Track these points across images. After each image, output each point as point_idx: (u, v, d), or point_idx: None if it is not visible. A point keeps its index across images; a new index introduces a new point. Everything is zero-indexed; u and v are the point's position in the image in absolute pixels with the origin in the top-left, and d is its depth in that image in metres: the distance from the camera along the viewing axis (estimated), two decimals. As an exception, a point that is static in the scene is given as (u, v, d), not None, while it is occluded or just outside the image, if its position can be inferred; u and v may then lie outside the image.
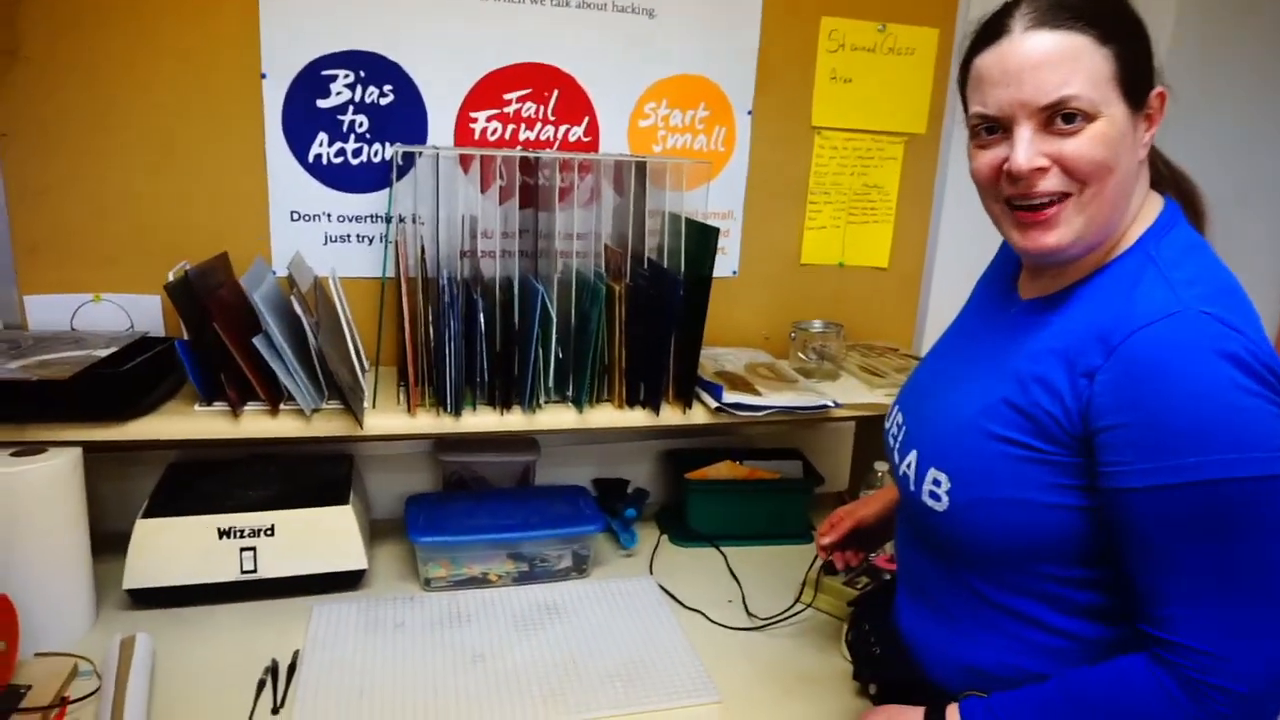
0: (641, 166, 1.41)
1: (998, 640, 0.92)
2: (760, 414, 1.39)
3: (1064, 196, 0.83)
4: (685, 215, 1.42)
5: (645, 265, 1.42)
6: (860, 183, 1.76)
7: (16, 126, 1.36)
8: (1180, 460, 0.75)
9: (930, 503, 0.91)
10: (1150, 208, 0.88)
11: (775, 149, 1.69)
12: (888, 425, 1.07)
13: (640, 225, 1.43)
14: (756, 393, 1.43)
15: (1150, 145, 0.86)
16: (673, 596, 1.41)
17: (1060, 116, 0.80)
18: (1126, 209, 0.86)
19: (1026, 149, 0.81)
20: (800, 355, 1.61)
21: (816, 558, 1.34)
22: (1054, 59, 0.80)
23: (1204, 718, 0.77)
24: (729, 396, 1.39)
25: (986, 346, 0.96)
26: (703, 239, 1.36)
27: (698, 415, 1.41)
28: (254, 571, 1.31)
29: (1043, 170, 0.82)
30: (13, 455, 1.17)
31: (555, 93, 1.55)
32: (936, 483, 0.90)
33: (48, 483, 1.17)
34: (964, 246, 1.81)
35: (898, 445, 1.01)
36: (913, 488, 0.94)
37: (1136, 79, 0.81)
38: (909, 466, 0.96)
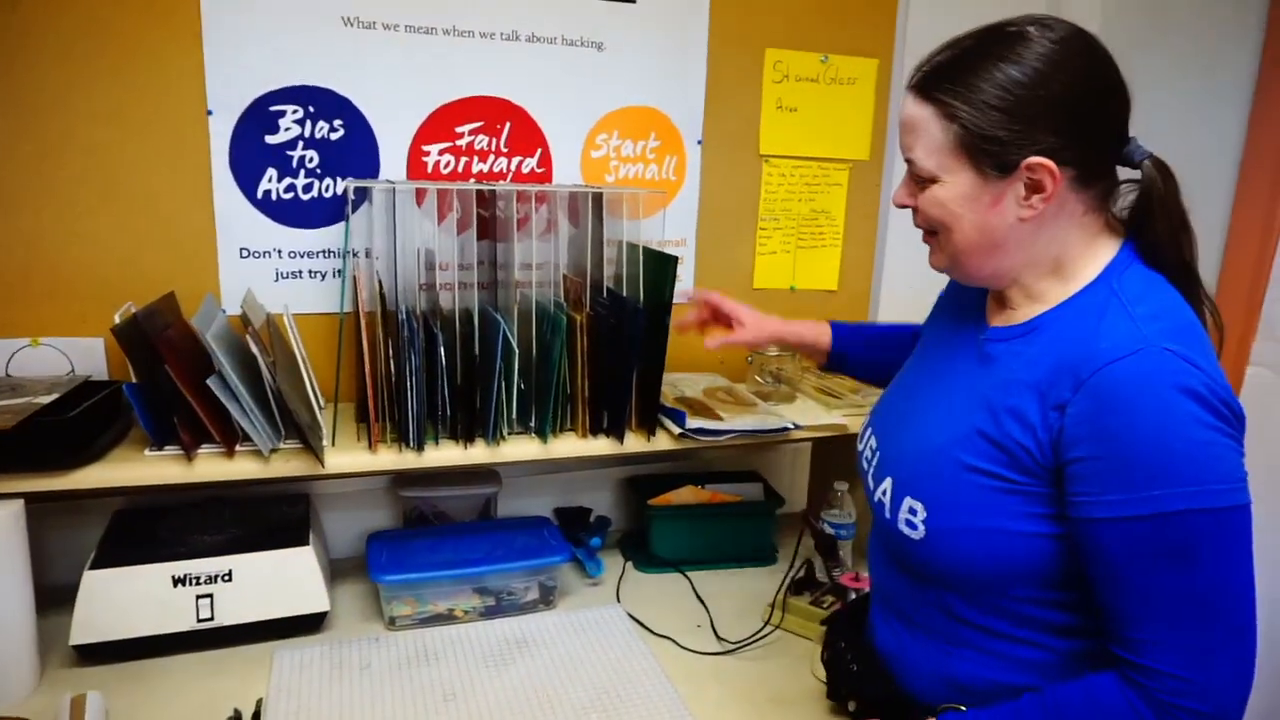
0: (598, 197, 1.42)
1: (975, 655, 0.94)
2: (723, 438, 1.41)
3: (932, 231, 0.94)
4: (642, 244, 1.44)
5: (605, 294, 1.43)
6: (808, 208, 1.80)
7: (-51, 165, 1.31)
8: (1145, 493, 0.78)
9: (907, 530, 0.93)
10: (1105, 248, 0.91)
11: (725, 177, 1.72)
12: (860, 447, 1.09)
13: (598, 254, 1.44)
14: (718, 417, 1.45)
15: (1044, 210, 0.87)
16: (642, 624, 1.41)
17: (913, 172, 0.91)
18: (1030, 259, 0.90)
19: (899, 188, 0.95)
20: (757, 378, 1.64)
21: (785, 580, 1.35)
22: (906, 123, 0.91)
23: None
24: (692, 422, 1.40)
25: (958, 373, 0.98)
26: (661, 266, 1.37)
27: (661, 442, 1.42)
28: (211, 619, 1.27)
29: (913, 208, 0.94)
30: (-48, 509, 1.12)
31: (508, 125, 1.56)
32: (913, 511, 0.93)
33: (-10, 536, 1.12)
34: (909, 266, 1.86)
35: (871, 470, 1.03)
36: (888, 515, 0.96)
37: (991, 150, 0.85)
38: (884, 493, 0.98)
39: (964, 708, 0.93)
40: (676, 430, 1.40)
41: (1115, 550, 0.81)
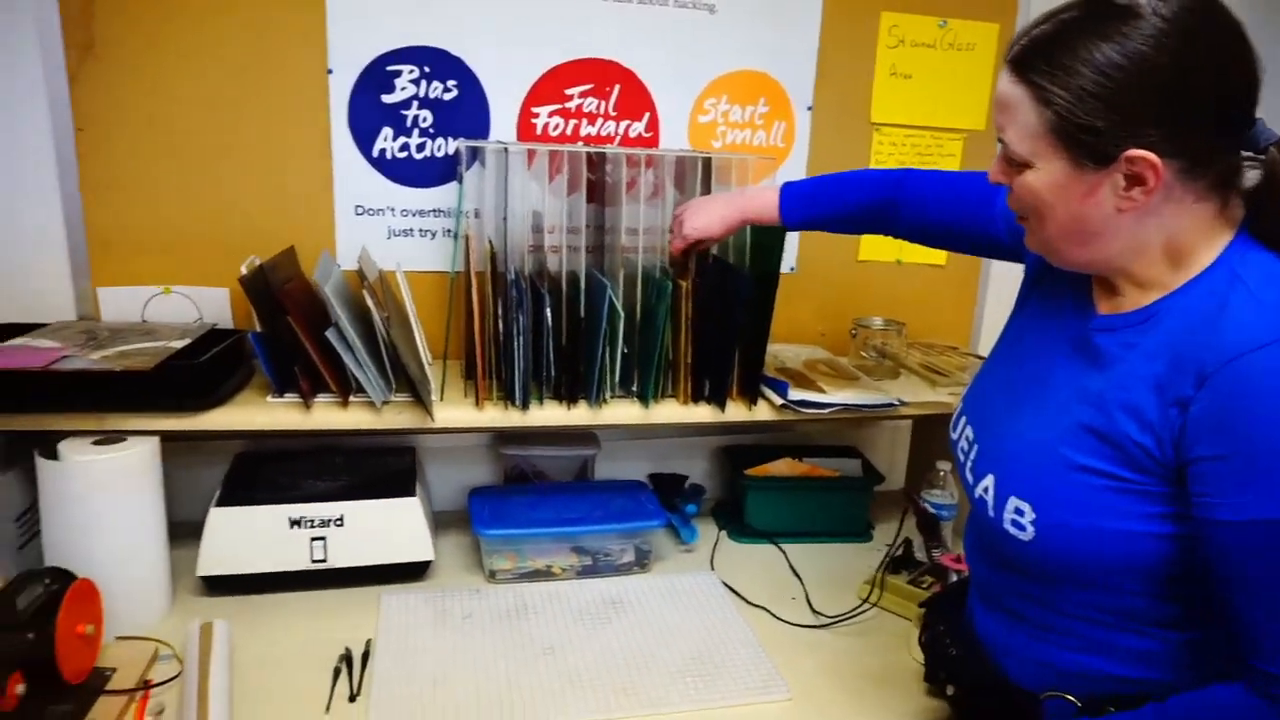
0: (707, 162, 1.41)
1: (1081, 645, 0.91)
2: (825, 411, 1.39)
3: (1023, 215, 0.89)
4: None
5: (711, 261, 1.42)
6: (919, 179, 1.74)
7: (91, 122, 1.38)
8: (1274, 494, 0.74)
9: (1014, 531, 0.89)
10: (1222, 232, 0.84)
11: (834, 145, 1.68)
12: (955, 437, 1.05)
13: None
14: (820, 390, 1.43)
15: (1147, 201, 0.80)
16: (736, 592, 1.41)
17: (1006, 153, 0.86)
18: (1127, 250, 0.84)
19: (993, 165, 0.89)
20: (861, 353, 1.61)
21: (885, 558, 1.33)
22: (1000, 101, 0.85)
23: None
24: (794, 394, 1.39)
25: (1060, 365, 0.93)
26: (769, 234, 1.35)
27: (762, 412, 1.41)
28: (324, 561, 1.32)
29: (1008, 188, 0.88)
30: (95, 444, 1.19)
31: (617, 88, 1.56)
32: (1019, 512, 0.89)
33: (128, 471, 1.19)
34: (1023, 244, 1.79)
35: (970, 463, 0.99)
36: (991, 513, 0.92)
37: (1087, 140, 0.79)
38: (985, 490, 0.94)
39: (1070, 696, 0.90)
40: (779, 401, 1.39)
41: (1244, 554, 0.76)
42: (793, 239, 1.69)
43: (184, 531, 1.36)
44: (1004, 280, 1.83)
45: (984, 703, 1.02)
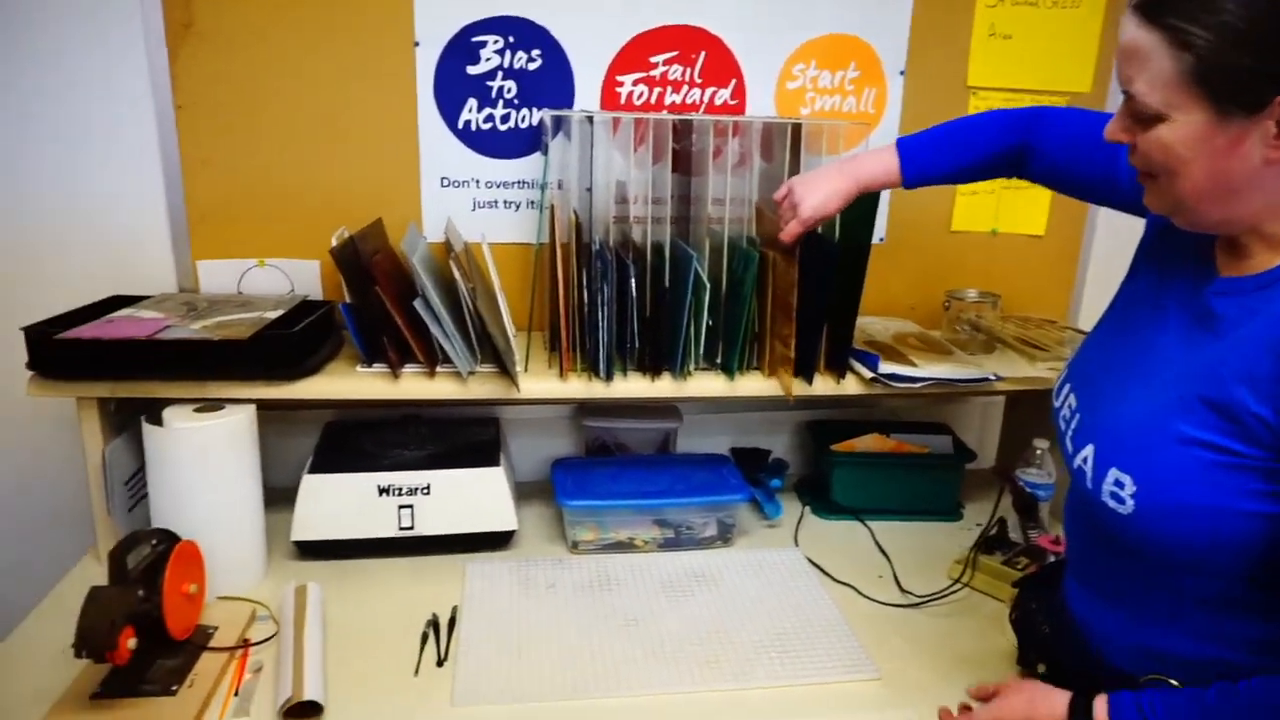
0: (796, 129, 1.37)
1: (1182, 628, 0.86)
2: (917, 385, 1.34)
3: (1149, 174, 0.82)
4: (839, 179, 1.37)
5: (799, 230, 1.39)
6: (1017, 145, 1.66)
7: (190, 99, 1.41)
8: None
9: (1112, 504, 0.84)
10: None
11: (928, 110, 1.61)
12: (1057, 404, 0.99)
13: (794, 189, 1.39)
14: (912, 364, 1.38)
15: None
16: (821, 569, 1.38)
17: (1132, 108, 0.79)
18: (1262, 202, 0.78)
19: (1113, 121, 0.83)
20: (954, 326, 1.55)
21: (979, 537, 1.29)
22: (1127, 50, 0.78)
23: None
24: (885, 367, 1.35)
25: (1173, 331, 0.87)
26: (861, 204, 1.30)
27: (850, 386, 1.37)
28: (411, 529, 1.35)
29: (1130, 146, 0.82)
30: (196, 411, 1.23)
31: (702, 55, 1.52)
32: (1119, 484, 0.83)
33: (227, 437, 1.23)
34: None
35: (1070, 432, 0.94)
36: (1090, 484, 0.87)
37: (1234, 85, 0.73)
38: (1085, 461, 0.89)
39: (1174, 681, 0.85)
40: (868, 374, 1.35)
41: None
42: (882, 208, 1.64)
43: (278, 498, 1.40)
44: (1107, 251, 1.74)
45: (1077, 685, 0.97)
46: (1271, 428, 0.75)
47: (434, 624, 1.20)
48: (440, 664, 1.13)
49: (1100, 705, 0.84)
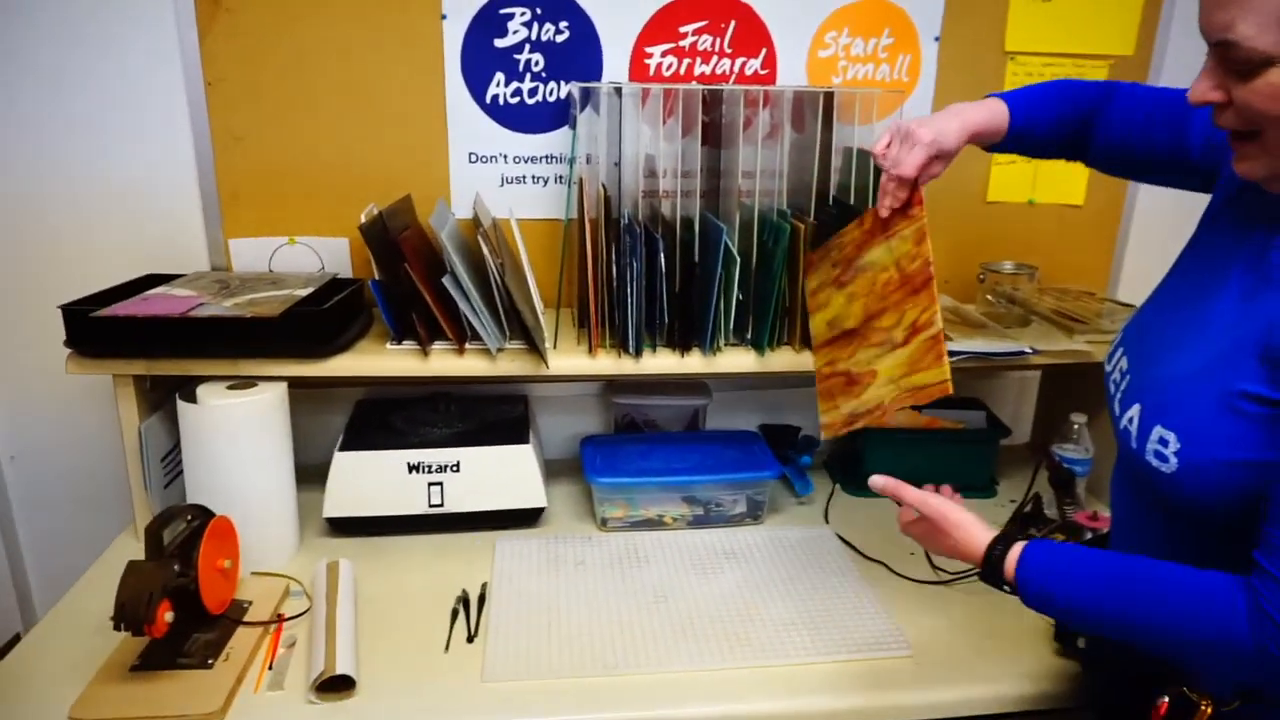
0: (829, 98, 1.34)
1: None
2: (951, 360, 1.31)
3: (1250, 132, 0.76)
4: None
5: (831, 203, 1.36)
6: (1057, 113, 1.62)
7: (220, 76, 1.41)
8: None
9: (1156, 463, 0.81)
10: None
11: (964, 77, 1.57)
12: (1109, 369, 0.96)
13: (825, 160, 1.36)
14: (946, 338, 1.35)
15: None
16: (852, 546, 1.37)
17: (1230, 58, 0.72)
18: None
19: (1198, 81, 0.77)
20: (989, 298, 1.52)
21: (1015, 512, 1.27)
22: None
23: (1251, 650, 0.72)
24: (918, 341, 1.32)
25: (1232, 289, 0.83)
26: (894, 174, 1.28)
27: (883, 361, 1.35)
28: (441, 506, 1.35)
29: (1221, 104, 0.76)
30: (229, 389, 1.24)
31: (732, 24, 1.49)
32: (1163, 442, 0.81)
33: (259, 415, 1.24)
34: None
35: (1119, 395, 0.91)
36: (1134, 444, 0.85)
37: None
38: (1130, 421, 0.86)
39: None
40: (901, 349, 1.33)
41: None
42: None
43: (310, 476, 1.41)
44: (1148, 222, 1.69)
45: (1116, 656, 0.96)
46: None
47: (464, 600, 1.21)
48: (470, 640, 1.14)
49: (1015, 552, 0.88)
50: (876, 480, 1.04)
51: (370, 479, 1.34)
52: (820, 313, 1.13)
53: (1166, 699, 0.85)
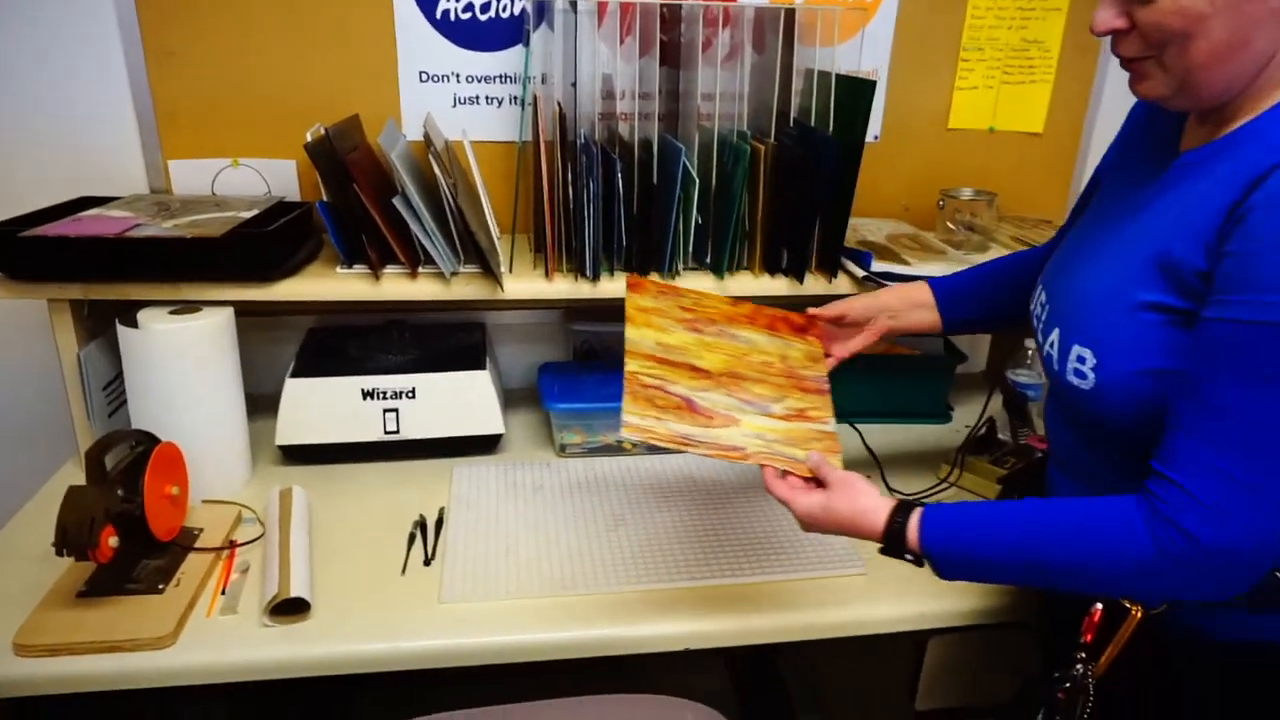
0: (790, 15, 1.31)
1: None
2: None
3: (1147, 56, 0.78)
4: (834, 72, 1.32)
5: (792, 125, 1.34)
6: (1019, 37, 1.60)
7: (151, -15, 1.34)
8: (1262, 297, 0.69)
9: (1076, 381, 0.83)
10: None
11: (927, 1, 1.54)
12: (1033, 306, 0.98)
13: (786, 80, 1.33)
14: (905, 263, 1.35)
15: None
16: (809, 470, 1.38)
17: None
18: (1267, 58, 0.75)
19: (1100, 11, 0.78)
20: (949, 225, 1.52)
21: (969, 437, 1.29)
22: None
23: (1153, 558, 0.74)
24: (878, 265, 1.32)
25: (1140, 208, 0.85)
26: (856, 95, 1.26)
27: (842, 285, 1.35)
28: (396, 432, 1.33)
29: (1122, 30, 0.78)
30: (171, 314, 1.20)
31: (692, -62, 1.44)
32: (1081, 359, 0.83)
33: (205, 340, 1.20)
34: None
35: (1041, 325, 0.93)
36: (1056, 367, 0.87)
37: None
38: (1051, 345, 0.88)
39: None
40: (860, 273, 1.32)
41: (1207, 354, 0.72)
42: (877, 105, 1.58)
43: (263, 405, 1.38)
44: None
45: None
46: (1202, 275, 0.74)
47: (421, 525, 1.20)
48: (427, 563, 1.13)
49: (915, 519, 0.86)
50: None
51: (323, 406, 1.31)
52: (651, 331, 1.04)
53: (1100, 605, 0.87)
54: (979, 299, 1.17)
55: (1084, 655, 0.87)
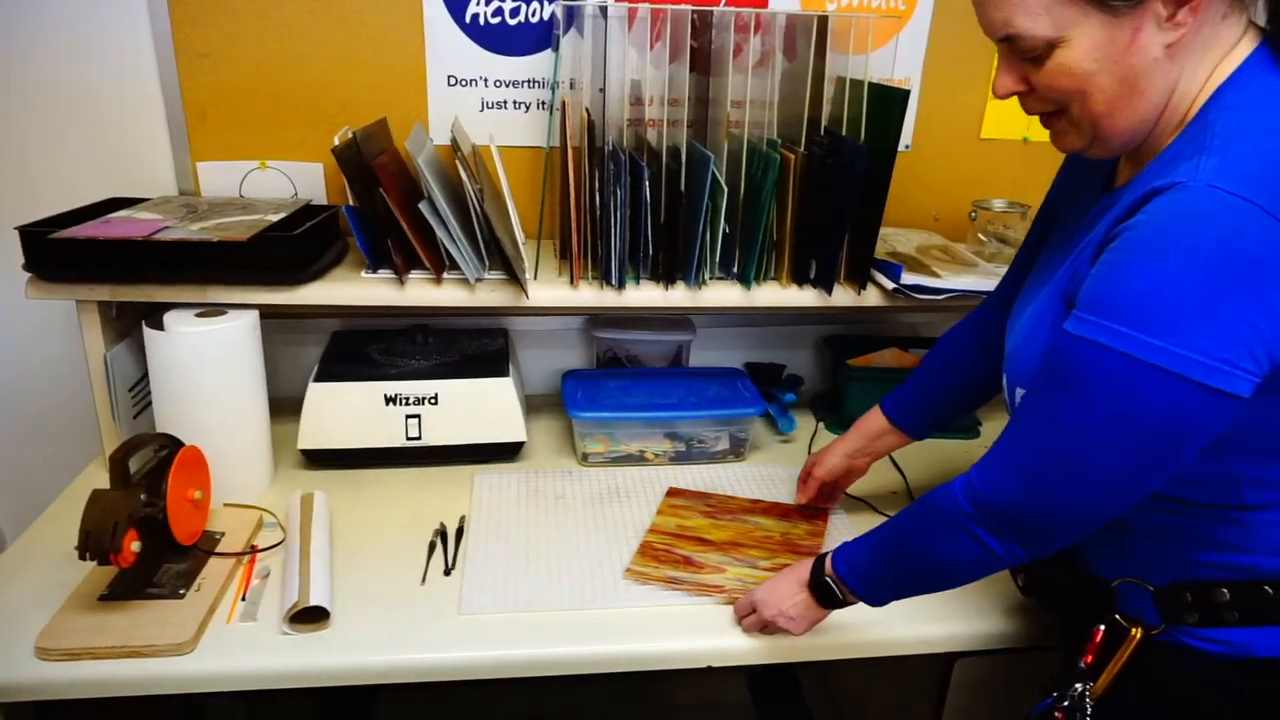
0: (823, 22, 1.29)
1: (1153, 531, 0.86)
2: (941, 298, 1.30)
3: (1057, 111, 0.81)
4: (867, 80, 1.30)
5: (822, 133, 1.32)
6: (1056, 46, 1.57)
7: (183, -13, 1.34)
8: (1087, 314, 0.72)
9: None
10: (1227, 66, 0.76)
11: (963, 5, 1.51)
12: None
13: (818, 89, 1.31)
14: (935, 275, 1.33)
15: (1191, 26, 0.73)
16: (834, 485, 1.36)
17: (1018, 49, 0.78)
18: (1164, 98, 0.77)
19: (998, 78, 0.82)
20: (980, 236, 1.49)
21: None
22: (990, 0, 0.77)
23: (961, 514, 0.81)
24: (908, 278, 1.29)
25: (1067, 249, 0.88)
26: (889, 104, 1.24)
27: (871, 297, 1.33)
28: (419, 438, 1.33)
29: (1023, 92, 0.81)
30: (197, 316, 1.20)
31: (724, -56, 1.43)
32: None
33: (230, 343, 1.20)
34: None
35: (1004, 369, 0.95)
36: (1009, 409, 0.90)
37: None
38: (1005, 387, 0.92)
39: (1150, 585, 0.86)
40: (890, 285, 1.30)
41: (1049, 364, 0.77)
42: (909, 114, 1.56)
43: (286, 408, 1.38)
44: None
45: (1055, 594, 1.01)
46: None
47: (441, 534, 1.19)
48: (447, 573, 1.12)
49: (828, 559, 0.96)
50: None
51: (346, 410, 1.31)
52: (675, 519, 1.24)
53: (1102, 627, 0.89)
54: (932, 398, 1.21)
55: (1083, 676, 0.88)
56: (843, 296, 1.32)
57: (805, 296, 1.32)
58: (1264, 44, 0.77)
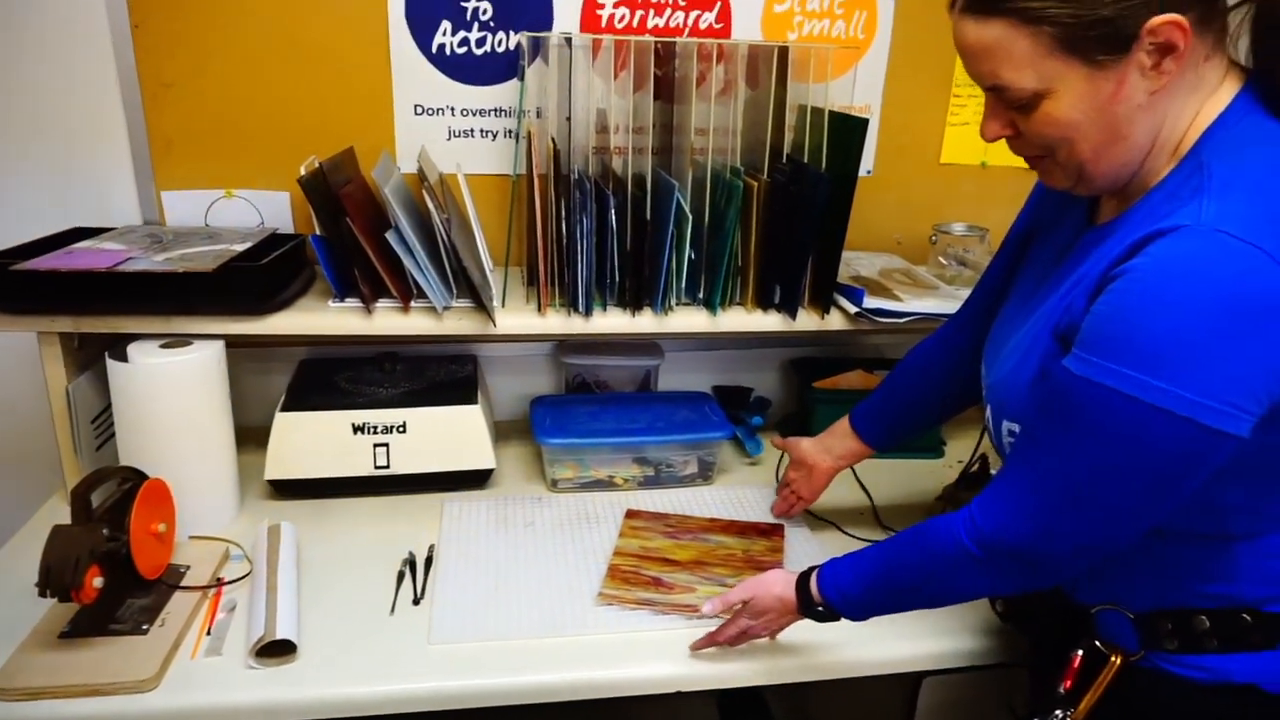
0: (784, 53, 1.32)
1: (1131, 558, 0.86)
2: (902, 320, 1.32)
3: (1044, 154, 0.82)
4: (828, 108, 1.33)
5: (785, 161, 1.34)
6: (1011, 74, 1.61)
7: (148, 17, 1.34)
8: (1092, 355, 0.72)
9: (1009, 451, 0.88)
10: (1213, 106, 0.78)
11: (920, 34, 1.56)
12: (982, 375, 1.01)
13: (779, 117, 1.34)
14: (897, 298, 1.36)
15: (1175, 73, 0.74)
16: (802, 506, 1.37)
17: (1006, 99, 0.79)
18: (1150, 141, 0.78)
19: (986, 123, 0.83)
20: (940, 259, 1.52)
21: (962, 472, 1.29)
22: (977, 51, 0.78)
23: (960, 550, 0.82)
24: (870, 301, 1.32)
25: (1051, 283, 0.89)
26: (848, 131, 1.27)
27: (835, 321, 1.35)
28: (387, 467, 1.32)
29: (1012, 136, 0.83)
30: (162, 347, 1.19)
31: (686, -25, 1.45)
32: (1011, 432, 0.87)
33: (195, 374, 1.19)
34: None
35: (985, 397, 0.96)
36: (994, 440, 0.93)
37: (1095, 39, 0.73)
38: (989, 418, 0.93)
39: (1130, 614, 0.87)
40: (853, 309, 1.33)
41: (1048, 402, 0.77)
42: (870, 139, 1.59)
43: (253, 437, 1.37)
44: (1099, 185, 1.70)
45: (1033, 620, 1.01)
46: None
47: (410, 563, 1.19)
48: (416, 602, 1.12)
49: (814, 577, 0.97)
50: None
51: (314, 440, 1.30)
52: (637, 540, 1.26)
53: (1080, 652, 0.90)
54: (898, 410, 1.23)
55: (1062, 702, 0.89)
56: (807, 320, 1.34)
57: (770, 321, 1.34)
58: (1250, 84, 0.78)
